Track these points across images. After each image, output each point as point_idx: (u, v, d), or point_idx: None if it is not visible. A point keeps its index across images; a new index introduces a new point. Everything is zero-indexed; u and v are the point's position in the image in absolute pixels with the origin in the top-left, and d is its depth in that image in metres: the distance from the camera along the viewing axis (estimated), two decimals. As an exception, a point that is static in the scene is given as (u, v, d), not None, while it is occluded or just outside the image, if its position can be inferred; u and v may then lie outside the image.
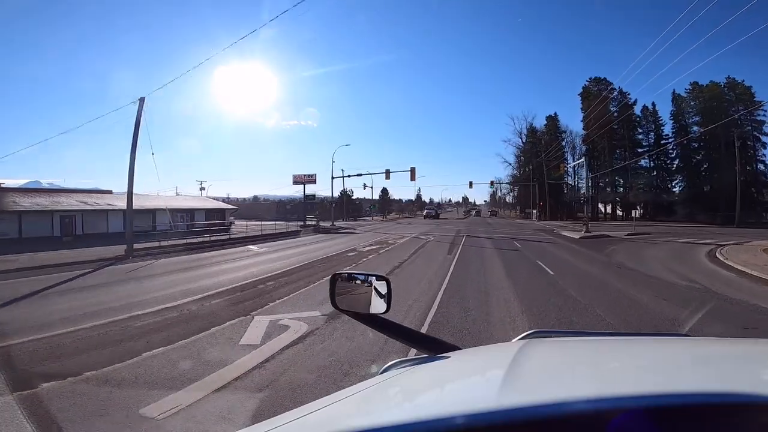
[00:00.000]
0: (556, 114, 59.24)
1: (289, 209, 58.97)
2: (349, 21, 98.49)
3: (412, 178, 37.37)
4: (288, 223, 35.39)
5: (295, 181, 47.09)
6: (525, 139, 62.14)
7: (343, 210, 59.07)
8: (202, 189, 55.44)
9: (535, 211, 55.08)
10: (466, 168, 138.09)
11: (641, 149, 52.76)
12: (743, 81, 46.57)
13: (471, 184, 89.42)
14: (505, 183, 69.08)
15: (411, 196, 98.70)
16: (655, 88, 63.40)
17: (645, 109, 53.30)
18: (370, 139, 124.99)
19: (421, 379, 0.92)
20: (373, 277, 1.54)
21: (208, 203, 40.98)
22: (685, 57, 65.23)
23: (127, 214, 16.68)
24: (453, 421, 0.50)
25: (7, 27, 60.74)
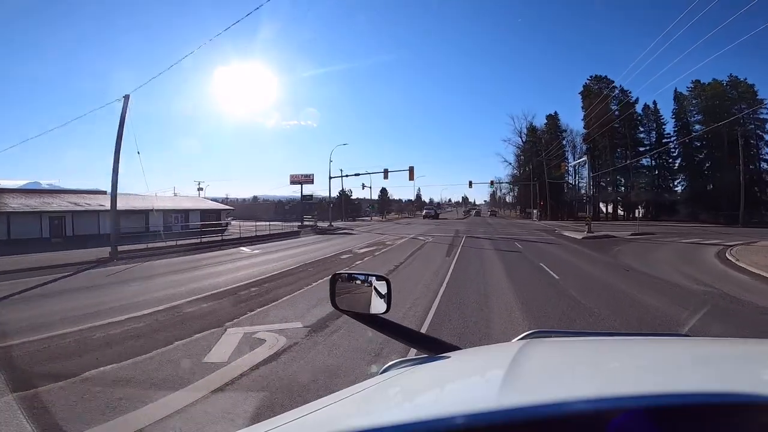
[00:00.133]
0: (556, 113, 58.67)
1: (287, 209, 58.53)
2: (349, 21, 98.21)
3: (410, 178, 36.77)
4: (284, 224, 34.63)
5: (293, 181, 46.43)
6: (525, 139, 61.58)
7: (341, 210, 58.53)
8: (200, 189, 54.73)
9: (535, 210, 54.42)
10: (465, 168, 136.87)
11: (643, 148, 52.15)
12: (746, 79, 46.11)
13: (471, 183, 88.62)
14: (505, 183, 68.47)
15: (410, 196, 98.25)
16: (656, 87, 63.20)
17: (646, 107, 52.78)
18: (370, 139, 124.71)
19: (421, 379, 0.91)
20: (373, 277, 1.51)
21: (203, 204, 40.33)
22: (686, 57, 64.73)
23: (111, 215, 15.96)
24: (453, 421, 0.50)
25: (7, 27, 60.26)
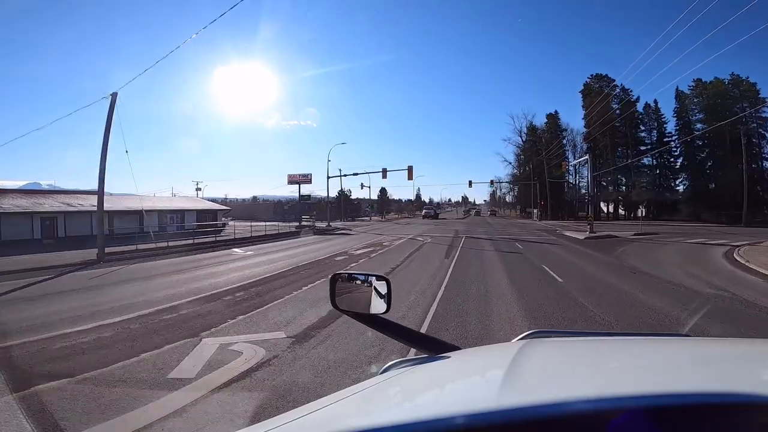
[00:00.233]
0: (556, 112, 58.14)
1: (286, 210, 58.04)
2: (349, 21, 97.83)
3: (409, 177, 36.30)
4: (280, 224, 34.13)
5: (290, 181, 45.91)
6: (525, 138, 61.06)
7: (340, 210, 58.04)
8: (198, 189, 54.26)
9: (536, 210, 53.89)
10: (465, 167, 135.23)
11: (644, 147, 51.66)
12: (747, 78, 45.61)
13: (470, 183, 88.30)
14: (505, 182, 67.95)
15: (410, 196, 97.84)
16: (656, 87, 62.73)
17: (647, 106, 52.25)
18: (370, 139, 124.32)
19: (421, 379, 0.91)
20: (373, 277, 1.51)
21: (199, 204, 39.82)
22: (687, 56, 64.36)
23: (98, 216, 15.45)
24: (453, 421, 0.50)
25: (7, 27, 59.85)
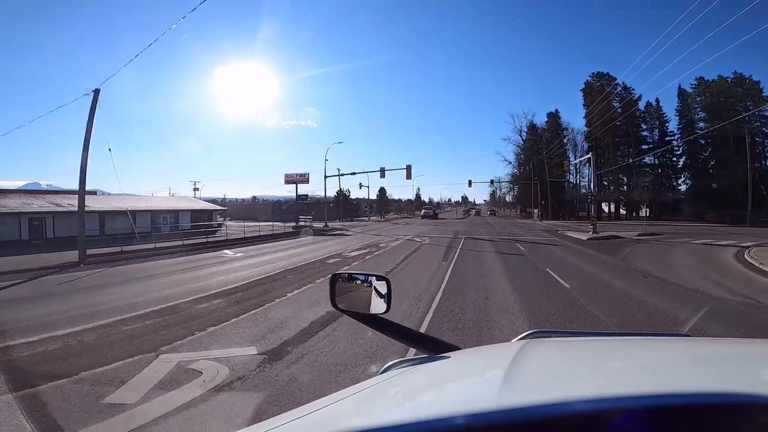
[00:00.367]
0: (557, 111, 57.29)
1: (285, 210, 57.28)
2: (349, 21, 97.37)
3: (407, 177, 35.68)
4: (279, 224, 33.43)
5: (287, 181, 45.14)
6: (525, 137, 60.25)
7: (339, 210, 57.35)
8: (195, 189, 53.70)
9: (536, 210, 53.13)
10: (465, 167, 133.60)
11: (646, 146, 50.96)
12: (751, 76, 44.96)
13: (470, 183, 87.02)
14: (505, 182, 67.19)
15: (410, 196, 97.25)
16: (658, 86, 62.10)
17: (649, 105, 51.52)
18: (370, 139, 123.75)
19: (421, 379, 0.90)
20: (373, 277, 1.49)
21: (194, 204, 39.19)
22: (689, 55, 63.19)
23: (79, 216, 14.77)
24: (453, 421, 0.50)
25: (7, 27, 59.30)
